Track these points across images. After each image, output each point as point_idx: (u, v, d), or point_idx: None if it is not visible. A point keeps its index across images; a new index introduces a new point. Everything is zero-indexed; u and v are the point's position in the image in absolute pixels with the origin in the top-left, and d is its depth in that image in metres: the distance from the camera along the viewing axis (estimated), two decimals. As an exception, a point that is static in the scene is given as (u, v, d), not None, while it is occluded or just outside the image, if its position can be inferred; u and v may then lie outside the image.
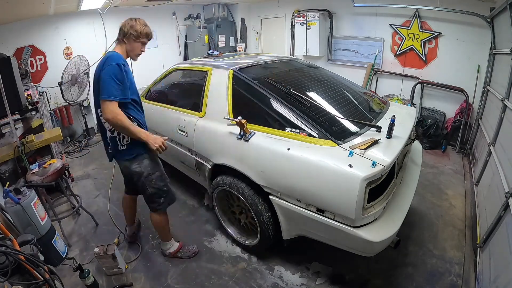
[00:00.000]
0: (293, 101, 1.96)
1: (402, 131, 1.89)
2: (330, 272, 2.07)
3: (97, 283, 1.99)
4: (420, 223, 2.57)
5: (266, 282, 2.03)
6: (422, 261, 2.16)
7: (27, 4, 3.41)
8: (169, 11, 5.88)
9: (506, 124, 2.44)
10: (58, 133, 3.02)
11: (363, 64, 4.90)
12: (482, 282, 1.77)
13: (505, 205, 1.75)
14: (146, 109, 2.42)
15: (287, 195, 1.80)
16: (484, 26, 3.45)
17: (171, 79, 3.05)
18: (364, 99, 2.43)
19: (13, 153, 2.62)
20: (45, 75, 4.56)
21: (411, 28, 4.24)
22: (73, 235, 2.58)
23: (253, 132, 1.94)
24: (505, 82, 2.58)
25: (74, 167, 3.86)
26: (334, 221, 1.62)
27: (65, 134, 4.81)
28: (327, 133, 1.73)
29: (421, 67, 4.32)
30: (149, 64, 5.70)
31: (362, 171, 1.48)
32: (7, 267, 1.30)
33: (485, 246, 1.96)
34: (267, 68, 2.50)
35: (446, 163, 3.69)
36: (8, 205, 1.96)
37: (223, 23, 6.21)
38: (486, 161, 2.68)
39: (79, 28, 4.78)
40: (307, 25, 5.17)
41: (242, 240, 2.31)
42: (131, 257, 2.30)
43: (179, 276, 2.11)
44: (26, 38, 4.25)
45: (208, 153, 2.27)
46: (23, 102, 3.01)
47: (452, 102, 4.10)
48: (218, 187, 2.24)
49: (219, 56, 2.99)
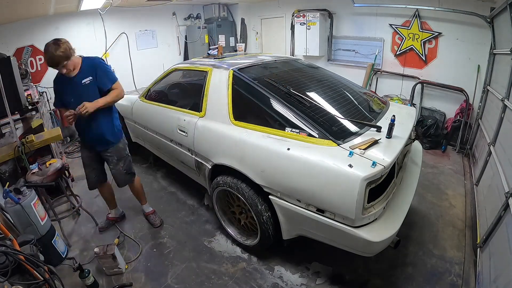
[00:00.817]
0: (293, 101, 1.96)
1: (402, 131, 1.89)
2: (330, 272, 2.07)
3: (97, 283, 1.99)
4: (420, 223, 2.57)
5: (266, 282, 2.03)
6: (422, 261, 2.16)
7: (27, 4, 3.41)
8: (169, 11, 5.88)
9: (506, 124, 2.44)
10: (58, 133, 3.02)
11: (363, 64, 4.90)
12: (482, 282, 1.77)
13: (505, 205, 1.75)
14: (146, 109, 2.42)
15: (287, 195, 1.80)
16: (484, 26, 3.45)
17: (171, 79, 3.05)
18: (364, 99, 2.43)
19: (13, 153, 2.62)
20: (45, 75, 4.56)
21: (411, 28, 4.24)
22: (73, 235, 2.58)
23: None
24: (505, 82, 2.58)
25: (74, 167, 3.86)
26: (334, 221, 1.62)
27: (65, 134, 4.80)
28: (327, 133, 1.73)
29: (421, 67, 4.32)
30: (149, 64, 5.73)
31: (362, 171, 1.48)
32: (7, 267, 1.30)
33: (485, 246, 1.96)
34: (267, 68, 2.50)
35: (446, 163, 3.69)
36: (8, 205, 1.96)
37: (223, 23, 6.21)
38: (486, 161, 2.68)
39: (79, 28, 4.78)
40: (307, 25, 5.17)
41: (242, 240, 2.31)
42: (131, 257, 2.30)
43: (179, 276, 2.11)
44: (26, 38, 4.26)
45: (208, 153, 2.27)
46: (23, 102, 3.00)
47: (452, 102, 4.10)
48: (218, 187, 2.24)
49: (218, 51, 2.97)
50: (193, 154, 2.46)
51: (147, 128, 3.08)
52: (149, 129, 3.04)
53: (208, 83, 2.35)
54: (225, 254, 2.29)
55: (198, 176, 2.59)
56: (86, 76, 2.05)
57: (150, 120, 3.00)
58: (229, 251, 2.32)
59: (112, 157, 2.30)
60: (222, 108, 2.17)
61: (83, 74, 2.05)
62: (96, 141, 2.23)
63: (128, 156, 2.40)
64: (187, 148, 2.50)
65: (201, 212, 2.83)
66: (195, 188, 3.05)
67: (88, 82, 2.05)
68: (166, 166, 3.45)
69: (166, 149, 2.88)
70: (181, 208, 2.90)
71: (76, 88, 2.04)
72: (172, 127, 2.61)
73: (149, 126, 3.02)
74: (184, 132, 2.46)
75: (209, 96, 2.31)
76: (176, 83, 3.11)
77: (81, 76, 2.05)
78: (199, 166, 2.45)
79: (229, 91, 2.18)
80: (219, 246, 2.38)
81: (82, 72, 2.05)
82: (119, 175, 2.37)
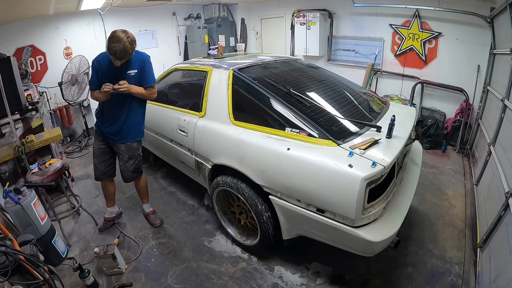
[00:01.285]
0: (293, 101, 1.96)
1: (402, 131, 1.89)
2: (330, 272, 2.07)
3: (97, 283, 1.99)
4: (420, 223, 2.57)
5: (266, 282, 2.03)
6: (422, 261, 2.16)
7: (27, 4, 3.41)
8: (169, 11, 5.88)
9: (506, 124, 2.44)
10: (58, 133, 3.02)
11: (363, 64, 4.90)
12: (482, 282, 1.77)
13: (505, 205, 1.75)
14: (146, 109, 2.43)
15: (287, 195, 1.80)
16: (484, 26, 3.45)
17: (171, 79, 3.05)
18: (364, 99, 2.43)
19: (13, 153, 2.62)
20: (45, 75, 4.56)
21: (411, 28, 4.24)
22: (73, 235, 2.58)
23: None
24: (505, 82, 2.58)
25: (74, 167, 3.86)
26: (334, 221, 1.62)
27: (65, 134, 4.81)
28: (327, 133, 1.73)
29: (421, 67, 4.32)
30: (149, 64, 5.71)
31: (362, 171, 1.48)
32: (7, 267, 1.30)
33: (485, 246, 1.96)
34: (267, 68, 2.50)
35: (446, 163, 3.69)
36: (8, 205, 1.96)
37: (223, 23, 6.21)
38: (486, 161, 2.68)
39: (79, 28, 4.78)
40: (307, 25, 5.17)
41: (242, 240, 2.31)
42: (131, 257, 2.30)
43: (179, 276, 2.11)
44: (26, 38, 4.25)
45: (208, 153, 2.27)
46: (23, 102, 3.00)
47: (452, 102, 4.10)
48: (218, 187, 2.24)
49: (218, 51, 2.97)
50: (193, 154, 2.46)
51: (147, 128, 3.07)
52: (149, 129, 3.04)
53: (208, 83, 2.35)
54: (225, 254, 2.29)
55: (198, 176, 2.59)
56: (133, 68, 2.12)
57: (150, 120, 3.00)
58: (229, 251, 2.32)
59: (123, 154, 2.32)
60: (222, 108, 2.17)
61: (130, 65, 2.11)
62: (115, 131, 2.24)
63: (139, 156, 2.41)
64: (187, 148, 2.50)
65: (201, 212, 2.83)
66: (195, 188, 3.05)
67: (133, 74, 2.13)
68: (166, 166, 3.46)
69: (166, 149, 2.88)
70: (181, 208, 2.90)
71: (120, 77, 2.08)
72: (172, 127, 2.61)
73: (149, 126, 3.02)
74: (184, 132, 2.46)
75: (209, 96, 2.31)
76: (176, 83, 3.11)
77: (128, 67, 2.10)
78: (199, 166, 2.45)
79: (229, 91, 2.18)
80: (219, 246, 2.38)
81: (130, 64, 2.11)
82: (126, 171, 2.39)
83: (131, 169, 2.38)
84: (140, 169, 2.48)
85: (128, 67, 2.10)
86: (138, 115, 2.32)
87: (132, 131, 2.29)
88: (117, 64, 2.03)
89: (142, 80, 2.18)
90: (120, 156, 2.35)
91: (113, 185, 2.57)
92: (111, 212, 2.64)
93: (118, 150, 2.33)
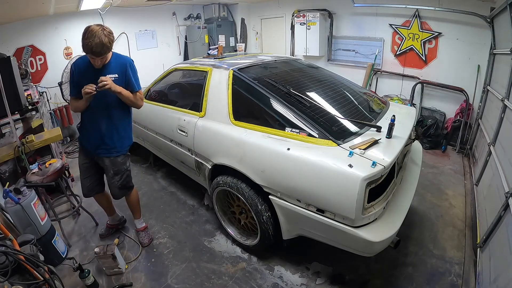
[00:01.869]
0: (293, 101, 1.96)
1: (402, 131, 1.89)
2: (330, 272, 2.07)
3: (97, 283, 1.99)
4: (420, 223, 2.57)
5: (266, 282, 2.03)
6: (422, 261, 2.16)
7: (27, 4, 3.41)
8: (169, 11, 5.88)
9: (506, 124, 2.44)
10: (58, 133, 3.02)
11: (363, 64, 4.90)
12: (482, 282, 1.77)
13: (505, 205, 1.75)
14: (146, 109, 2.42)
15: (287, 195, 1.80)
16: (484, 26, 3.45)
17: (171, 79, 3.05)
18: (364, 99, 2.43)
19: (13, 153, 2.62)
20: (45, 75, 4.56)
21: (411, 28, 4.24)
22: (73, 235, 2.58)
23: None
24: (505, 82, 2.58)
25: (74, 167, 3.85)
26: (334, 221, 1.62)
27: (65, 134, 4.81)
28: (327, 133, 1.73)
29: (421, 67, 4.32)
30: (149, 64, 5.72)
31: (362, 171, 1.48)
32: (7, 267, 1.30)
33: (485, 246, 1.96)
34: (267, 68, 2.50)
35: (446, 163, 3.69)
36: (8, 205, 1.96)
37: (223, 23, 6.21)
38: (486, 161, 2.68)
39: (79, 28, 4.73)
40: (307, 25, 5.17)
41: (242, 240, 2.31)
42: (131, 257, 2.30)
43: (179, 276, 2.11)
44: (26, 38, 4.25)
45: (208, 153, 2.27)
46: (23, 102, 3.00)
47: (452, 102, 4.10)
48: (218, 187, 2.24)
49: (218, 52, 2.97)
50: (193, 154, 2.46)
51: (147, 128, 3.08)
52: (149, 129, 3.04)
53: (208, 83, 2.35)
54: (225, 254, 2.29)
55: (198, 176, 2.59)
56: (112, 72, 1.92)
57: (150, 120, 3.00)
58: (229, 251, 2.32)
59: (108, 169, 2.12)
60: (222, 108, 2.17)
61: (110, 69, 1.92)
62: (95, 144, 2.04)
63: (126, 171, 2.19)
64: (187, 148, 2.50)
65: (201, 212, 2.83)
66: (195, 188, 3.05)
67: (113, 79, 1.90)
68: (166, 166, 3.45)
69: (166, 149, 2.88)
70: (181, 208, 2.90)
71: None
72: (172, 127, 2.61)
73: (149, 126, 3.03)
74: (184, 132, 2.46)
75: (209, 96, 2.31)
76: (176, 83, 3.11)
77: (107, 70, 1.91)
78: (199, 166, 2.45)
79: (229, 91, 2.18)
80: (219, 246, 2.38)
81: (110, 67, 1.92)
82: (113, 188, 2.20)
83: (118, 185, 2.17)
84: (129, 184, 2.26)
85: (108, 71, 1.90)
86: (121, 126, 2.08)
87: (114, 144, 2.06)
88: (98, 64, 1.84)
89: (126, 85, 1.98)
90: (106, 171, 2.16)
91: (105, 197, 2.41)
92: (114, 219, 2.57)
93: (102, 164, 2.13)
